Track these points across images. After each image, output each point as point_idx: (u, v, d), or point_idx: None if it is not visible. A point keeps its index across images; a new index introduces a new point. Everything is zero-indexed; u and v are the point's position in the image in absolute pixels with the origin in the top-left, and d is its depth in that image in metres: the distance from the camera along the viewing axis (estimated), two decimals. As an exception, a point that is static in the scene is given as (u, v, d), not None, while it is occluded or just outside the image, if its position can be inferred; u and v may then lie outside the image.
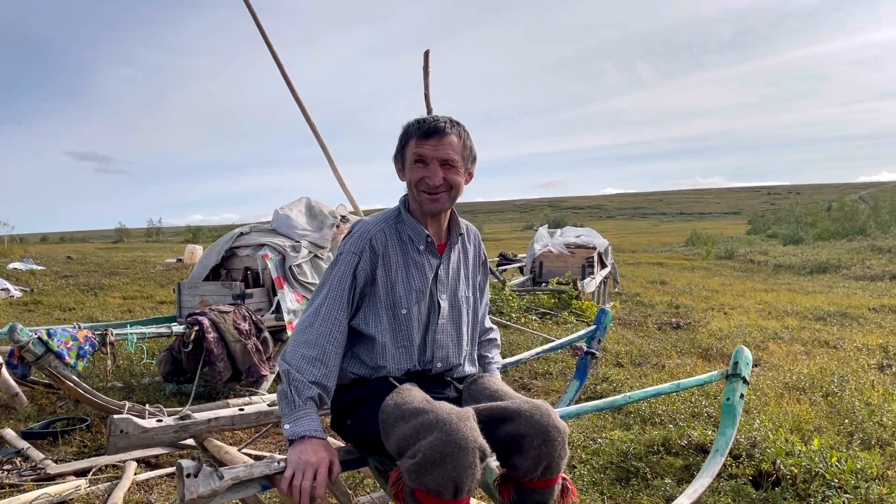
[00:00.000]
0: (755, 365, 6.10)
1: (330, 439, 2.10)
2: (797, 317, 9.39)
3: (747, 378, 3.11)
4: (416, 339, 2.17)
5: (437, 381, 2.22)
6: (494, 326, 2.55)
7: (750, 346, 6.93)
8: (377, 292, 2.13)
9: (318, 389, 1.96)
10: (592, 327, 3.99)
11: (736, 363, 3.12)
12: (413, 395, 1.99)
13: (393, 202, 2.28)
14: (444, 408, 1.86)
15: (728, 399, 3.07)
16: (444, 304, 2.22)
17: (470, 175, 2.21)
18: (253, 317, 4.90)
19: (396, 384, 2.10)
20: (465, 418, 1.83)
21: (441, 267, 2.22)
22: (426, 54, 6.30)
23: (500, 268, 12.04)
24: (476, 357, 2.40)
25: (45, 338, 3.74)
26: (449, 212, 2.24)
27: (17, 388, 4.53)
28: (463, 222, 2.32)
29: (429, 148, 2.08)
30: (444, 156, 2.08)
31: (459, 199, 2.20)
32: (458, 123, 2.15)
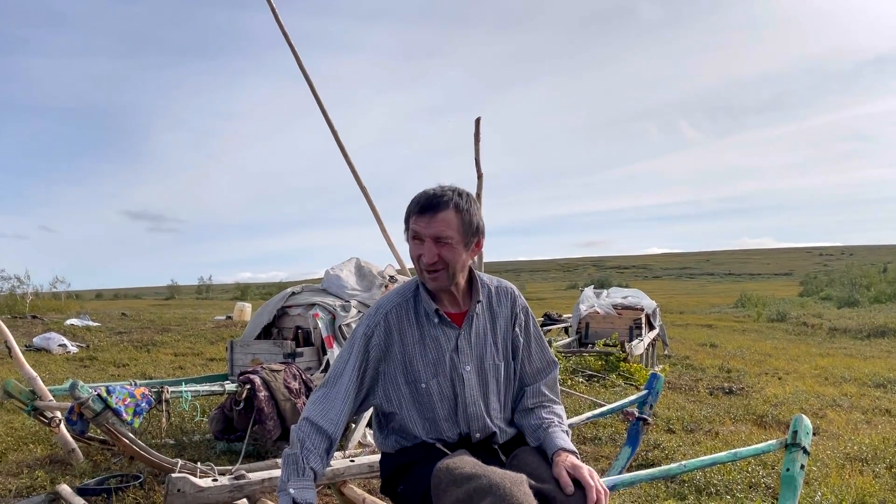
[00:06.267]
0: (814, 434, 5.87)
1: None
2: (856, 383, 9.05)
3: (807, 448, 3.01)
4: (441, 413, 2.14)
5: (482, 449, 2.17)
6: (556, 398, 2.32)
7: (807, 413, 6.68)
8: (395, 367, 2.13)
9: (320, 466, 1.99)
10: (644, 392, 3.91)
11: (795, 432, 3.02)
12: (465, 459, 1.97)
13: None
14: (497, 472, 1.85)
15: (788, 470, 2.96)
16: (469, 376, 2.15)
17: (478, 246, 2.15)
18: (303, 376, 4.96)
19: (446, 450, 2.09)
20: (519, 483, 1.82)
21: (461, 337, 2.15)
22: (477, 122, 6.46)
23: (544, 328, 11.95)
24: (521, 420, 2.27)
25: (104, 395, 3.84)
26: (465, 279, 2.17)
27: (74, 444, 4.64)
28: (492, 282, 2.25)
29: (422, 225, 2.04)
30: (436, 233, 2.03)
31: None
32: (460, 195, 2.08)
